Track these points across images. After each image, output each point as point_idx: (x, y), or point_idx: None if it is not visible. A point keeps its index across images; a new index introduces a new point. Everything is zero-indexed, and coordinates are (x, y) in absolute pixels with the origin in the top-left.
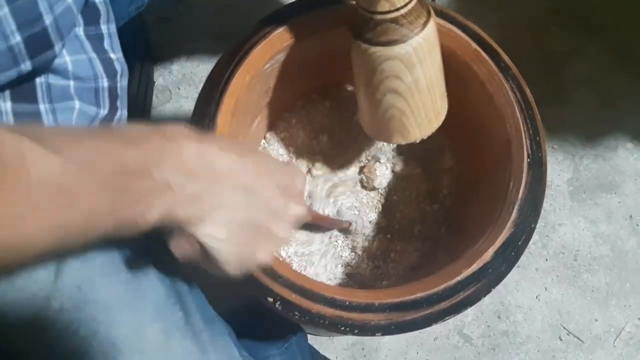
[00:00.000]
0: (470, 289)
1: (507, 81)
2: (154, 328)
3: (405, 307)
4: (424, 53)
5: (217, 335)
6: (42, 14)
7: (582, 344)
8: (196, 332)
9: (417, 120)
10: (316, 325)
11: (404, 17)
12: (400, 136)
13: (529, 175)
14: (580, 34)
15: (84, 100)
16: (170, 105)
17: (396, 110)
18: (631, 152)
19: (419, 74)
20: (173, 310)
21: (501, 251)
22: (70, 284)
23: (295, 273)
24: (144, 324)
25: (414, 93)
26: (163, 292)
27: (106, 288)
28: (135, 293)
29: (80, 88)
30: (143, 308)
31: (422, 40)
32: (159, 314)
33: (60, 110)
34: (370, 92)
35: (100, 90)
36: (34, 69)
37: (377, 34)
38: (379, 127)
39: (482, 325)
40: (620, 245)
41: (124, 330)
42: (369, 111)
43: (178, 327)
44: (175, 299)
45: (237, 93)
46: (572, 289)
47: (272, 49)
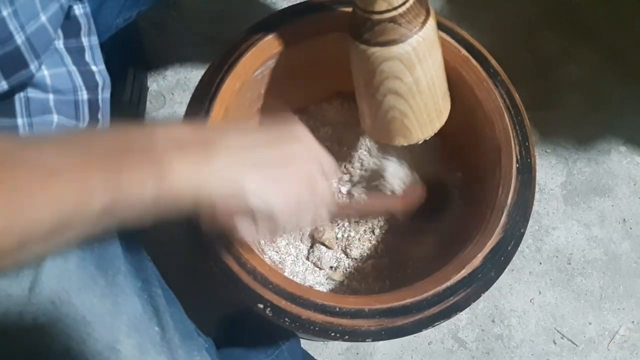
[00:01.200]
0: (460, 294)
1: (496, 87)
2: (128, 344)
3: (395, 313)
4: (423, 52)
5: (193, 351)
6: (13, 33)
7: (576, 347)
8: (172, 347)
9: (419, 121)
10: (306, 332)
11: (402, 16)
12: (402, 138)
13: (518, 180)
14: (572, 37)
15: (63, 113)
16: (164, 111)
17: (397, 112)
18: (624, 155)
19: (419, 74)
20: (149, 325)
21: (490, 256)
22: (45, 300)
23: (286, 279)
24: (118, 339)
25: (415, 94)
26: (140, 307)
27: (81, 303)
28: (110, 308)
29: (60, 101)
30: (118, 323)
31: (421, 40)
32: (134, 330)
33: (38, 124)
34: (370, 93)
35: (80, 103)
36: (11, 88)
37: (376, 34)
38: (380, 129)
39: (477, 329)
40: (614, 248)
41: (98, 346)
42: (369, 113)
43: (153, 343)
44: (152, 314)
45: (227, 100)
46: (565, 292)
47: (262, 55)
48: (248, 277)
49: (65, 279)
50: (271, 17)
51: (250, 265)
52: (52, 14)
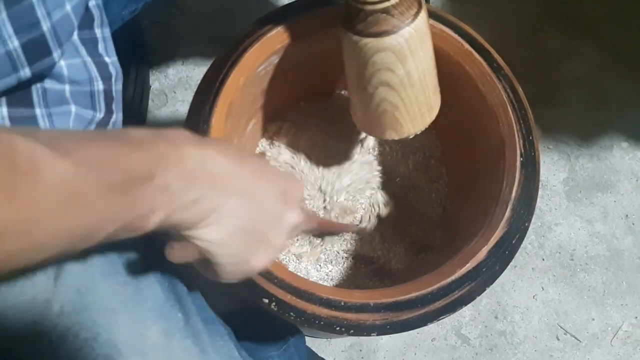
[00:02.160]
0: (464, 288)
1: (499, 81)
2: (154, 329)
3: (400, 307)
4: (415, 44)
5: (216, 336)
6: (40, 19)
7: (579, 343)
8: (196, 332)
9: (410, 114)
10: (312, 326)
11: (394, 7)
12: (393, 131)
13: (522, 174)
14: (574, 34)
15: (80, 104)
16: (166, 109)
17: (388, 104)
18: (626, 151)
19: (411, 66)
20: (172, 311)
21: (495, 250)
22: (70, 287)
23: (291, 274)
24: (144, 325)
25: (406, 86)
26: (162, 294)
27: (106, 291)
28: (134, 295)
29: (76, 92)
30: (143, 310)
31: (413, 31)
32: (159, 316)
33: (57, 114)
34: (362, 85)
35: (96, 93)
36: (32, 76)
37: (368, 25)
38: (371, 122)
39: (480, 326)
40: (616, 244)
41: (124, 332)
42: (361, 105)
43: (178, 328)
44: (174, 301)
45: (232, 95)
46: (568, 288)
47: (265, 51)
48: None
49: (88, 267)
50: (274, 12)
51: None
52: (76, 3)
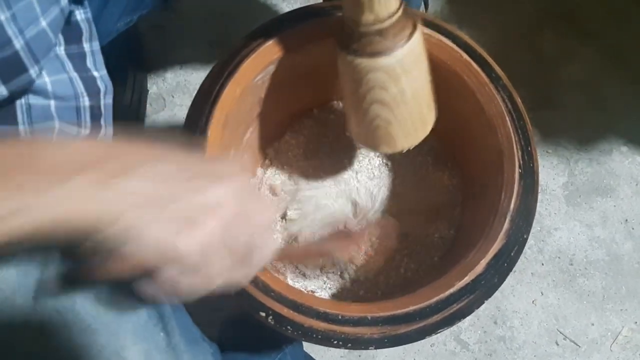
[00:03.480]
0: (462, 301)
1: (498, 92)
2: (134, 350)
3: (398, 321)
4: (409, 64)
5: (199, 356)
6: (11, 38)
7: (579, 348)
8: (178, 353)
9: (404, 130)
10: (309, 340)
11: (388, 29)
12: (387, 146)
13: (521, 185)
14: (573, 37)
15: (65, 119)
16: (164, 114)
17: (382, 121)
18: (626, 155)
19: (404, 85)
20: (154, 331)
21: (493, 263)
22: (50, 308)
23: (288, 287)
24: (124, 346)
25: (399, 104)
26: (145, 314)
27: (86, 311)
28: (115, 315)
29: (61, 107)
30: (124, 331)
31: (407, 52)
32: (140, 336)
33: (40, 131)
34: (357, 102)
35: (82, 109)
36: (11, 93)
37: (362, 46)
38: (365, 136)
39: (479, 331)
40: (616, 249)
41: (104, 353)
42: (356, 120)
43: (159, 349)
44: (157, 320)
45: (228, 105)
46: (568, 293)
47: (262, 61)
48: (250, 285)
49: (68, 287)
50: (271, 22)
51: None
52: (53, 18)
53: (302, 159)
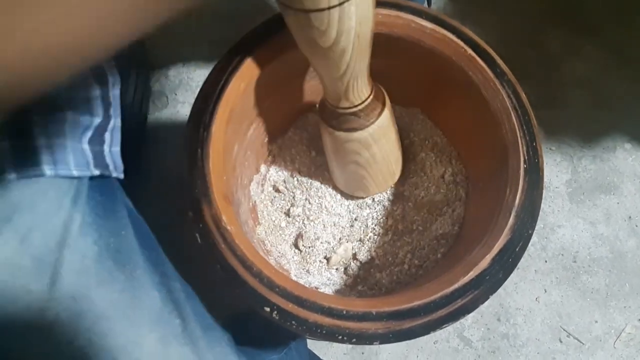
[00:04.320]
0: (467, 296)
1: (502, 87)
2: (151, 337)
3: (402, 316)
4: (379, 135)
5: (214, 342)
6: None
7: (582, 345)
8: (194, 339)
9: (376, 182)
10: (313, 335)
11: (361, 111)
12: (362, 192)
13: (526, 181)
14: (577, 34)
15: (76, 109)
16: (167, 111)
17: (358, 175)
18: (629, 152)
19: (375, 151)
20: (170, 318)
21: (498, 258)
22: (65, 295)
23: (292, 282)
24: (140, 332)
25: (371, 164)
26: (159, 300)
27: (102, 298)
28: (131, 302)
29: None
30: (139, 317)
31: (376, 127)
32: (155, 323)
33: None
34: (337, 161)
35: (93, 99)
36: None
37: (340, 123)
38: (345, 184)
39: (482, 328)
40: (620, 246)
41: (121, 340)
42: (337, 172)
43: (175, 335)
44: (172, 307)
45: (232, 101)
46: (571, 290)
47: (267, 56)
48: (254, 280)
49: (83, 274)
50: (278, 17)
51: (256, 268)
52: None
53: (306, 155)
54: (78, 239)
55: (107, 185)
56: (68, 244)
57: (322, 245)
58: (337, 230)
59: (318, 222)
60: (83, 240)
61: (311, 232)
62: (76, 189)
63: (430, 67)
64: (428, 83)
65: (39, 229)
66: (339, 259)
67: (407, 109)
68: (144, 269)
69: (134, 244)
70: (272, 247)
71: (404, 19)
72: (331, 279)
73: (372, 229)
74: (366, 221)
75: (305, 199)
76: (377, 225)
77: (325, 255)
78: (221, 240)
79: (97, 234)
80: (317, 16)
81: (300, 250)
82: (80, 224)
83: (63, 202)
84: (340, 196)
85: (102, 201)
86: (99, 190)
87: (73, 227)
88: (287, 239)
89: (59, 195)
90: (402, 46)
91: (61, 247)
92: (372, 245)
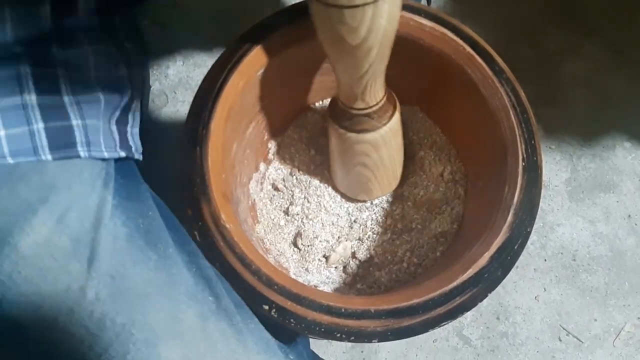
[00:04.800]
0: (466, 294)
1: (501, 85)
2: (189, 313)
3: (401, 314)
4: (389, 138)
5: (248, 319)
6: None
7: (582, 344)
8: (229, 315)
9: (381, 185)
10: (312, 333)
11: (375, 112)
12: (365, 195)
13: (525, 179)
14: (577, 33)
15: (109, 89)
16: (166, 110)
17: (364, 178)
18: (629, 151)
19: (383, 153)
20: (204, 295)
21: (497, 256)
22: (104, 273)
23: (291, 280)
24: (179, 309)
25: (379, 167)
26: (191, 278)
27: (138, 277)
28: (167, 280)
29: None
30: (177, 294)
31: (388, 130)
32: (192, 299)
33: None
34: (343, 162)
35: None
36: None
37: (353, 124)
38: (347, 187)
39: (481, 327)
40: (619, 244)
41: (161, 316)
42: (341, 175)
43: (212, 311)
44: (204, 285)
45: (231, 99)
46: (571, 289)
47: (266, 54)
48: (253, 277)
49: (118, 254)
50: (277, 14)
51: (254, 265)
52: None
53: (305, 153)
54: (108, 221)
55: (128, 167)
56: (103, 224)
57: (321, 244)
58: (336, 229)
59: (317, 221)
60: (112, 222)
61: (310, 231)
62: (106, 171)
63: (429, 65)
64: (427, 81)
65: (75, 209)
66: (338, 258)
67: (406, 108)
68: (174, 248)
69: (162, 225)
70: (271, 246)
71: (403, 17)
72: (330, 278)
73: (371, 228)
74: (365, 221)
75: (304, 198)
76: (376, 225)
77: (324, 254)
78: (220, 238)
79: (124, 215)
80: (351, 13)
81: (299, 248)
82: (112, 206)
83: (96, 183)
84: (340, 197)
85: (124, 183)
86: (121, 173)
87: (106, 208)
88: (286, 238)
89: (92, 176)
90: (401, 44)
91: (96, 227)
92: (371, 244)
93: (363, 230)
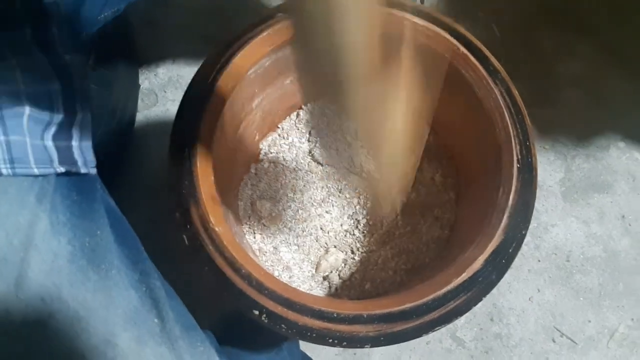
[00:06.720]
0: (460, 298)
1: (496, 85)
2: (124, 336)
3: (394, 318)
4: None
5: (197, 342)
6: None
7: (576, 345)
8: (172, 338)
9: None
10: (304, 338)
11: None
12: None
13: (519, 180)
14: (571, 33)
15: (36, 104)
16: (156, 109)
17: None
18: (623, 151)
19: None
20: (148, 317)
21: (491, 259)
22: (33, 296)
23: (282, 284)
24: (114, 332)
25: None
26: (137, 299)
27: (73, 298)
28: (104, 302)
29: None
30: (113, 317)
31: None
32: (131, 322)
33: (9, 116)
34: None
35: (53, 93)
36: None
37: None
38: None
39: (475, 328)
40: (613, 245)
41: (93, 340)
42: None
43: (152, 334)
44: (150, 306)
45: (221, 100)
46: (565, 290)
47: (256, 54)
48: (243, 282)
49: (54, 274)
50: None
51: (244, 270)
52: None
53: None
54: (50, 239)
55: (84, 183)
56: (35, 244)
57: (312, 251)
58: (327, 236)
59: (308, 227)
60: (56, 239)
61: (301, 237)
62: (40, 186)
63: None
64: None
65: (1, 228)
66: (329, 265)
67: None
68: (119, 268)
69: (111, 243)
70: (262, 250)
71: (397, 16)
72: (321, 285)
73: (362, 232)
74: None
75: (297, 202)
76: (367, 231)
77: (315, 261)
78: (209, 242)
79: (71, 233)
80: None
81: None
82: (50, 223)
83: (26, 200)
84: (334, 200)
85: (78, 200)
86: (76, 189)
87: (40, 227)
88: (277, 242)
89: (20, 193)
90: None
91: (27, 246)
92: (362, 250)
93: (355, 237)
